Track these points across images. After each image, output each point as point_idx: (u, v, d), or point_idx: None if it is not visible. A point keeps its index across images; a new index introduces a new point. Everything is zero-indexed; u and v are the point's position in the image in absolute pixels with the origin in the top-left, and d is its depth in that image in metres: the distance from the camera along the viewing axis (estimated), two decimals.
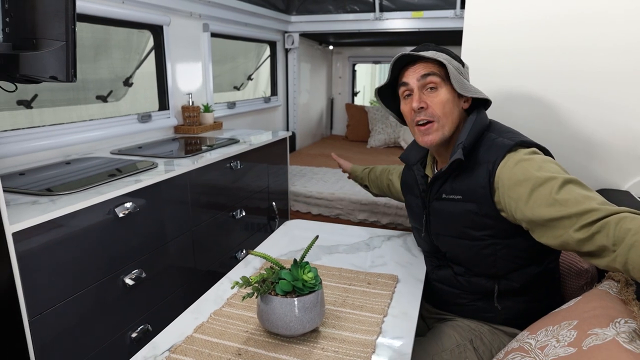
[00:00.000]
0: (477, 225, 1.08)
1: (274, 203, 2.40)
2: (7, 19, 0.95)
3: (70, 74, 0.97)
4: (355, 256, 1.34)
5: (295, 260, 0.95)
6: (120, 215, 1.31)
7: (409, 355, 0.88)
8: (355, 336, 0.93)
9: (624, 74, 1.36)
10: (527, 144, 1.04)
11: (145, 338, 1.43)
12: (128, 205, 1.35)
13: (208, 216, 1.81)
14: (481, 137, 1.08)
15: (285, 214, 2.61)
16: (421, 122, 1.08)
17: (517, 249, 1.08)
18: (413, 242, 1.44)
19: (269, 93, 3.81)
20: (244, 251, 2.08)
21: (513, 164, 1.00)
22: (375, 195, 1.69)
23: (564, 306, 0.95)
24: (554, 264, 1.18)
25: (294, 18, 3.67)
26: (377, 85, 1.31)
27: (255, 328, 0.97)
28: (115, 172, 1.47)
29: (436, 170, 1.21)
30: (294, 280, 0.91)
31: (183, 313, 1.03)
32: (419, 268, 1.26)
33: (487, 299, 1.16)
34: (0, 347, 0.94)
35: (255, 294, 0.90)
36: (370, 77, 8.57)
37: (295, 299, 0.89)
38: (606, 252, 0.83)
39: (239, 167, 1.99)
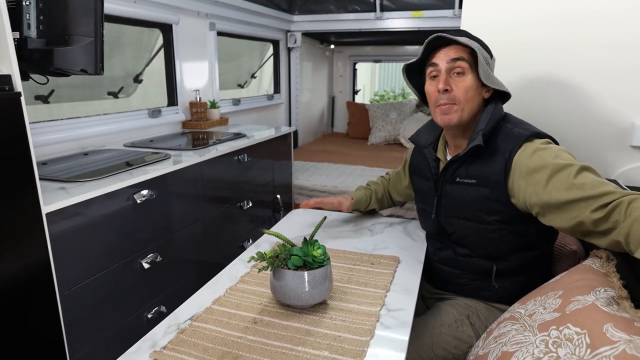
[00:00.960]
0: (488, 210, 1.15)
1: (278, 196, 2.48)
2: (41, 17, 1.03)
3: (98, 68, 1.05)
4: (359, 240, 1.42)
5: (305, 238, 1.03)
6: (139, 201, 1.40)
7: (410, 323, 0.97)
8: (361, 308, 1.02)
9: (615, 70, 1.44)
10: (542, 135, 1.12)
11: (160, 319, 1.51)
12: (144, 192, 1.44)
13: (217, 206, 1.89)
14: (497, 127, 1.15)
15: (289, 207, 2.70)
16: (443, 104, 1.14)
17: (521, 234, 1.16)
18: (413, 228, 1.52)
19: (271, 91, 3.90)
20: (250, 241, 2.16)
21: (531, 152, 1.07)
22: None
23: (551, 280, 1.04)
24: (549, 249, 1.27)
25: (296, 17, 3.75)
26: (378, 82, 1.37)
27: (268, 301, 1.05)
28: (132, 162, 1.55)
29: (449, 154, 1.27)
30: (304, 256, 1.00)
31: (201, 289, 1.11)
32: (419, 250, 1.35)
33: (485, 279, 1.24)
34: (38, 318, 1.03)
35: (270, 267, 0.99)
36: (370, 75, 8.65)
37: (306, 272, 0.97)
38: (615, 228, 0.91)
39: (245, 160, 2.08)
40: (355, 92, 5.22)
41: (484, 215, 1.17)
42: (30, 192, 0.99)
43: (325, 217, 1.10)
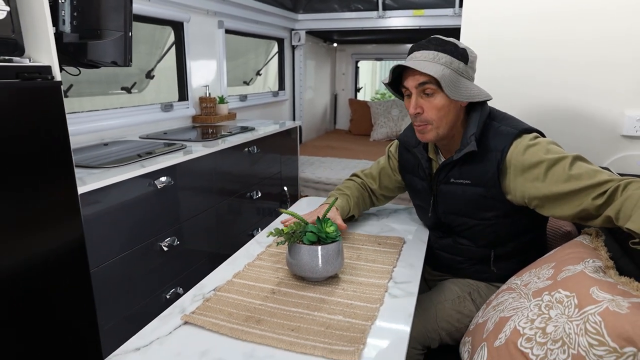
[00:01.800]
0: (485, 207, 1.21)
1: (285, 188, 2.57)
2: (75, 14, 1.12)
3: (127, 60, 1.14)
4: (366, 224, 1.51)
5: (318, 217, 1.12)
6: (159, 187, 1.49)
7: (415, 293, 1.05)
8: (370, 280, 1.11)
9: (607, 64, 1.53)
10: (529, 130, 1.17)
11: (177, 300, 1.61)
12: (163, 179, 1.53)
13: (229, 195, 1.98)
14: (485, 126, 1.19)
15: (295, 199, 2.79)
16: (418, 124, 1.18)
17: (516, 224, 1.24)
18: None
19: (276, 88, 3.99)
20: (259, 229, 2.25)
21: (522, 149, 1.13)
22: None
23: (545, 255, 1.13)
24: (543, 230, 1.35)
25: (300, 16, 3.84)
26: (379, 80, 1.43)
27: (285, 275, 1.14)
28: (151, 152, 1.64)
29: (441, 155, 1.31)
30: (318, 233, 1.09)
31: (220, 265, 1.20)
32: (422, 233, 1.43)
33: (484, 263, 1.32)
34: (73, 291, 1.12)
35: (287, 242, 1.08)
36: (371, 74, 8.75)
37: (320, 247, 1.06)
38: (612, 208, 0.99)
39: (255, 152, 2.17)
40: (357, 90, 5.31)
41: (480, 212, 1.23)
42: (67, 175, 1.08)
43: (336, 198, 1.19)
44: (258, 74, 3.84)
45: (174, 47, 2.49)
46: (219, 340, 0.87)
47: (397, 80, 1.26)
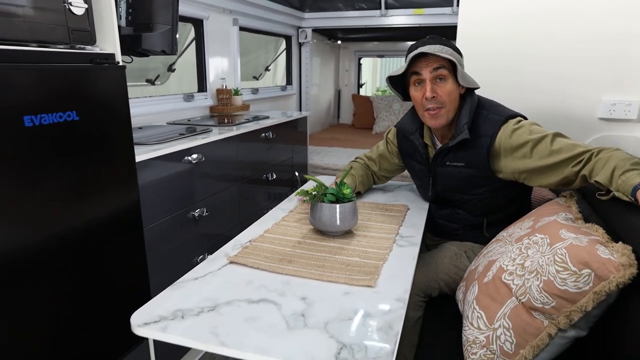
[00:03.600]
0: (477, 185, 1.42)
1: (297, 172, 2.78)
2: (130, 10, 1.33)
3: (174, 49, 1.35)
4: (374, 196, 1.72)
5: (336, 182, 1.33)
6: (193, 162, 1.70)
7: (418, 244, 1.26)
8: (380, 235, 1.32)
9: (587, 58, 1.73)
10: (513, 115, 1.37)
11: None
12: (195, 156, 1.73)
13: (248, 174, 2.19)
14: (475, 115, 1.38)
15: (305, 182, 3.00)
16: (432, 110, 1.34)
17: (505, 196, 1.45)
18: None
19: (284, 83, 4.19)
20: None
21: (509, 133, 1.32)
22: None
23: (528, 214, 1.34)
24: (528, 200, 1.57)
25: (307, 15, 4.05)
26: (380, 77, 1.61)
27: (308, 231, 1.34)
28: (183, 133, 1.85)
29: (437, 141, 1.51)
30: (337, 194, 1.29)
31: (250, 226, 1.40)
32: (424, 203, 1.64)
33: (478, 229, 1.52)
34: (130, 245, 1.32)
35: (311, 200, 1.28)
36: (372, 73, 8.96)
37: (338, 205, 1.27)
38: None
39: (271, 137, 2.38)
40: (360, 86, 5.52)
41: (474, 189, 1.44)
42: (128, 146, 1.28)
43: (351, 167, 1.39)
44: (267, 69, 4.05)
45: (193, 42, 2.69)
46: (260, 274, 1.08)
47: (398, 80, 1.43)
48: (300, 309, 0.92)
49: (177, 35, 1.35)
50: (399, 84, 1.47)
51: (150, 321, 0.88)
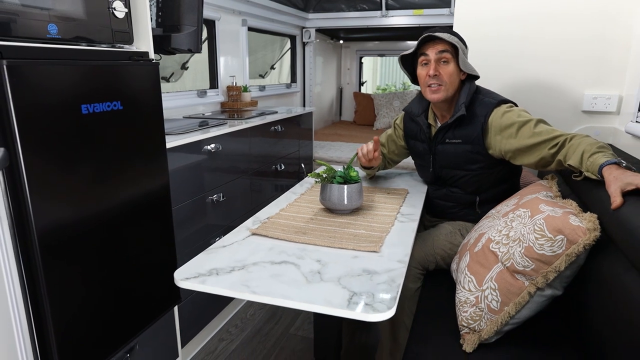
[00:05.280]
0: (472, 160, 1.60)
1: (302, 164, 2.95)
2: (160, 13, 1.49)
3: (199, 47, 1.51)
4: (377, 182, 1.88)
5: (343, 166, 1.50)
6: (212, 151, 1.86)
7: (417, 220, 1.42)
8: (383, 212, 1.48)
9: (572, 57, 1.89)
10: (505, 101, 1.56)
11: None
12: (213, 145, 1.90)
13: (258, 164, 2.36)
14: (473, 98, 1.58)
15: None
16: (433, 86, 1.57)
17: (497, 174, 1.62)
18: (418, 176, 1.98)
19: (288, 81, 4.36)
20: None
21: (500, 114, 1.51)
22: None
23: (515, 193, 1.50)
24: (517, 181, 1.73)
25: (311, 15, 4.21)
26: (380, 77, 1.78)
27: (318, 210, 1.51)
28: (203, 123, 2.01)
29: (438, 122, 1.70)
30: (345, 176, 1.46)
31: (265, 207, 1.57)
32: (422, 187, 1.81)
33: (471, 207, 1.70)
34: (160, 222, 1.49)
35: (322, 182, 1.45)
36: (372, 72, 9.14)
37: (346, 186, 1.43)
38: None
39: (280, 130, 2.54)
40: (361, 84, 5.68)
41: (469, 164, 1.62)
42: (160, 133, 1.44)
43: (356, 154, 1.56)
44: (272, 68, 4.21)
45: (206, 42, 2.85)
46: (279, 243, 1.24)
47: (408, 63, 1.66)
48: (316, 268, 1.08)
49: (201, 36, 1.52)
50: (408, 67, 1.68)
51: (190, 277, 1.04)
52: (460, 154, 1.61)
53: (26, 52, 1.02)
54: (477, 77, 1.63)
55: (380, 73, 9.72)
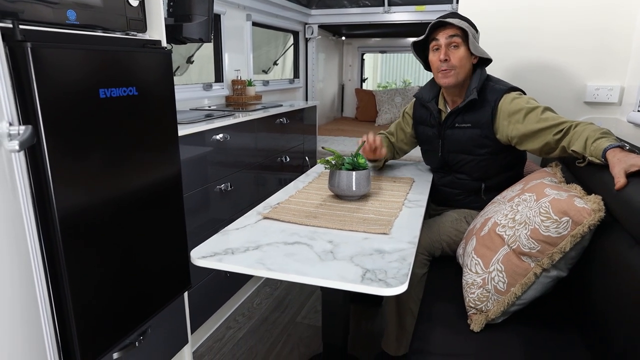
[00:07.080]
0: (480, 145, 1.63)
1: (307, 157, 2.98)
2: (171, 3, 1.52)
3: (209, 37, 1.54)
4: (384, 172, 1.91)
5: (352, 153, 1.53)
6: (221, 140, 1.89)
7: (424, 206, 1.45)
8: (391, 199, 1.51)
9: (575, 48, 1.93)
10: (515, 88, 1.61)
11: None
12: (221, 135, 1.93)
13: (265, 156, 2.39)
14: (484, 85, 1.62)
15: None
16: (444, 70, 1.59)
17: (502, 161, 1.66)
18: (423, 165, 2.01)
19: (291, 76, 4.39)
20: None
21: (510, 100, 1.55)
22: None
23: (519, 180, 1.53)
24: (521, 169, 1.76)
25: (313, 11, 4.23)
26: (381, 74, 1.82)
27: (327, 196, 1.53)
28: (209, 115, 2.04)
29: (448, 107, 1.73)
30: (353, 163, 1.49)
31: (275, 193, 1.60)
32: (428, 176, 1.84)
33: (476, 194, 1.73)
34: (171, 209, 1.51)
35: (331, 168, 1.48)
36: (372, 69, 9.17)
37: (354, 172, 1.46)
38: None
39: (285, 122, 2.57)
40: (363, 80, 5.71)
41: (477, 149, 1.65)
42: (173, 121, 1.47)
43: (364, 141, 1.59)
44: (275, 63, 4.24)
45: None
46: (291, 225, 1.27)
47: (420, 49, 1.69)
48: (328, 248, 1.11)
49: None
50: (420, 54, 1.72)
51: (207, 255, 1.07)
52: (469, 138, 1.65)
53: (47, 37, 1.05)
54: (488, 62, 1.65)
55: (380, 70, 9.77)
